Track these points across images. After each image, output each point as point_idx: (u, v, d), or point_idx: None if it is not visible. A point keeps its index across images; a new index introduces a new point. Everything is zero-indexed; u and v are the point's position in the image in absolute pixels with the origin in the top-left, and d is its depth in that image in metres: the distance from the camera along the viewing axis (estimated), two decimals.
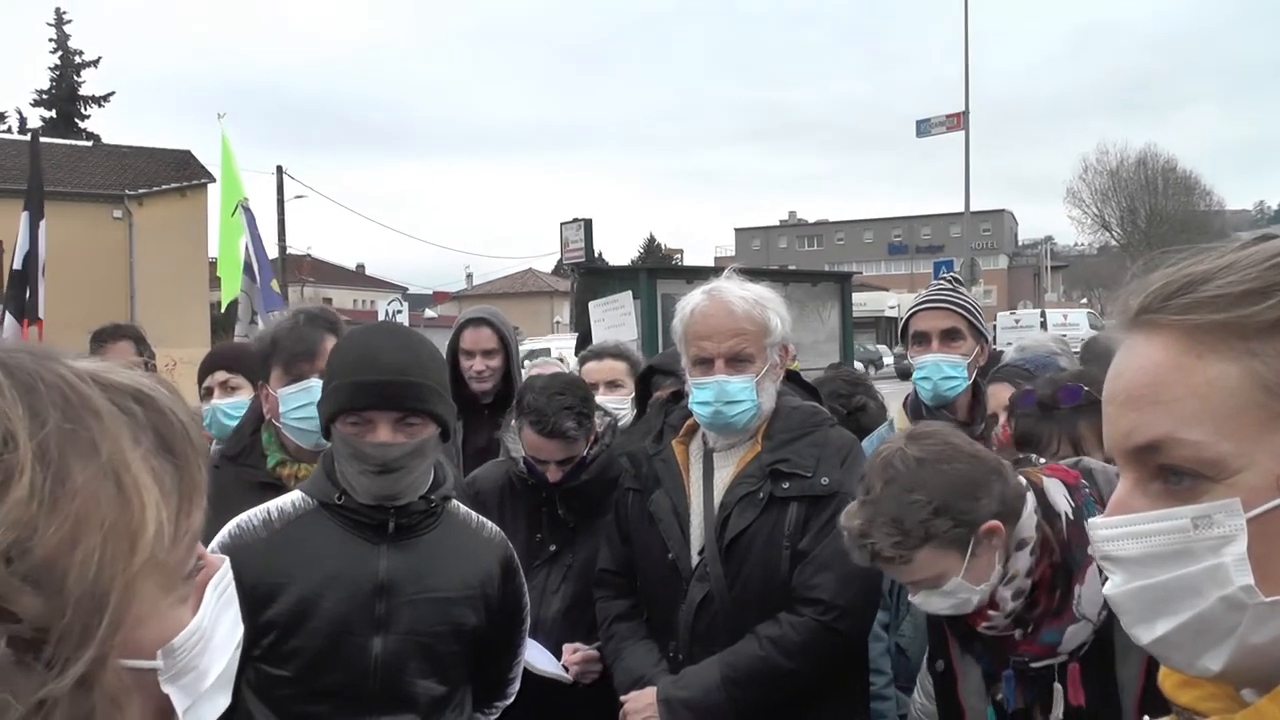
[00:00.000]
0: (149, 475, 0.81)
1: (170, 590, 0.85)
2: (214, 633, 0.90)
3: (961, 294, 3.67)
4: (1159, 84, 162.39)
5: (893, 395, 4.58)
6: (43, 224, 7.72)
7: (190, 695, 0.87)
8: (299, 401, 3.01)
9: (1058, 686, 2.21)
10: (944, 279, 3.86)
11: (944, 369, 3.49)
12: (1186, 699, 1.03)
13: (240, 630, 0.96)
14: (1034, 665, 2.23)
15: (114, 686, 0.77)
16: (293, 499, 2.58)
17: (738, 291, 2.95)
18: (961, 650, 2.43)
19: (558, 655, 3.23)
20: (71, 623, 0.73)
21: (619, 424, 3.67)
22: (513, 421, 3.43)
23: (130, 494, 0.78)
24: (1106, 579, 1.02)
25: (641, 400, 3.69)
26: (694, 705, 2.78)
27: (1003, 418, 3.45)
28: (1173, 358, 0.95)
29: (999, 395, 3.49)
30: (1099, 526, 1.01)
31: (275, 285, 8.07)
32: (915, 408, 3.62)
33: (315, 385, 2.98)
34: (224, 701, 0.94)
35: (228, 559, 0.96)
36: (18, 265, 7.50)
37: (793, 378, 3.18)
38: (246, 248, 7.66)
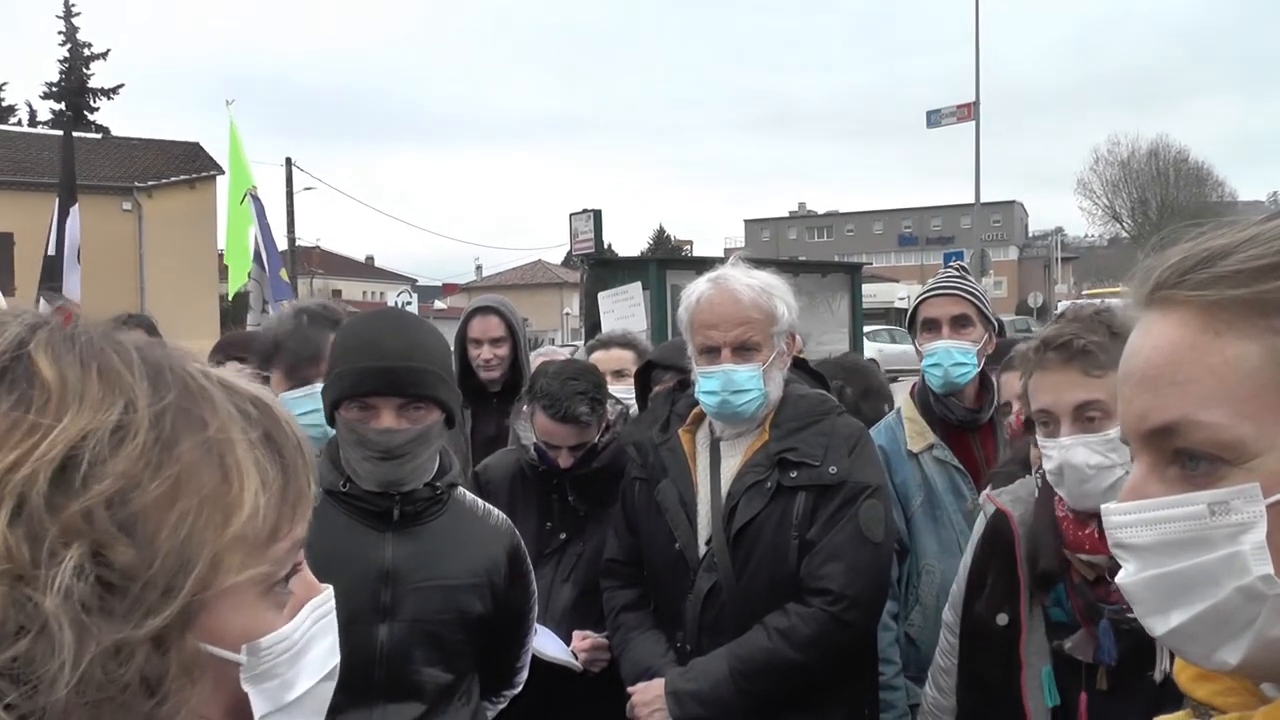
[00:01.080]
0: (252, 464, 0.86)
1: (264, 588, 0.88)
2: (307, 650, 0.92)
3: (970, 281, 3.65)
4: (1172, 76, 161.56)
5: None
6: (75, 209, 7.80)
7: (271, 703, 0.88)
8: (304, 407, 2.94)
9: None
10: (952, 266, 3.84)
11: (955, 355, 3.46)
12: (1203, 693, 1.01)
13: (336, 660, 0.98)
14: (1130, 614, 2.15)
15: (190, 658, 0.80)
16: None
17: (743, 279, 2.92)
18: (1031, 602, 2.36)
19: (568, 643, 3.22)
20: (157, 575, 0.77)
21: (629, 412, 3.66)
22: (524, 408, 3.43)
23: (231, 472, 0.84)
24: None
25: (641, 394, 3.67)
26: (702, 697, 2.76)
27: (1016, 406, 3.42)
28: (1190, 336, 0.92)
29: (1012, 384, 3.45)
30: (1112, 512, 0.97)
31: (284, 274, 8.04)
32: (924, 395, 3.60)
33: (320, 391, 2.90)
34: None
35: (332, 588, 0.99)
36: (51, 251, 7.59)
37: (801, 365, 3.16)
38: (256, 237, 7.64)
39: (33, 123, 44.40)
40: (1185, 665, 1.02)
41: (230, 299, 9.10)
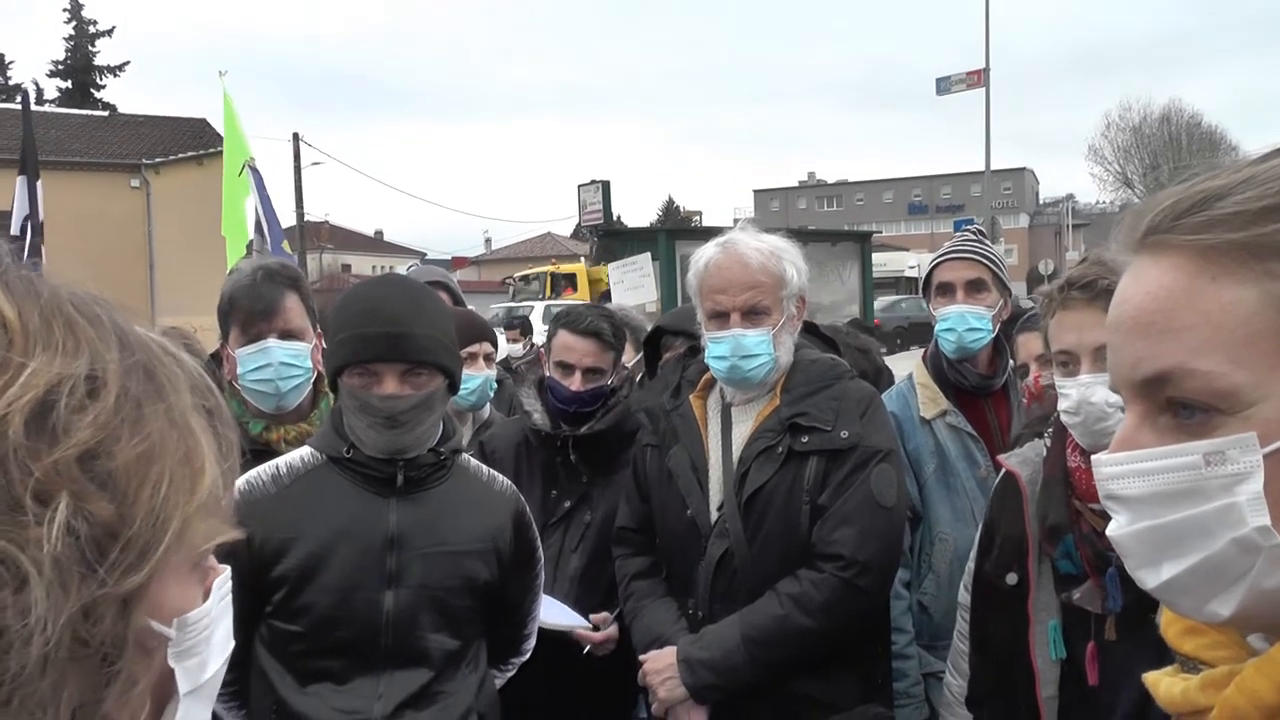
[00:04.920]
0: (203, 432, 0.83)
1: (194, 562, 0.85)
2: (215, 630, 0.89)
3: (986, 245, 3.60)
4: (1186, 40, 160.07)
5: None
6: (39, 184, 7.69)
7: (190, 682, 0.85)
8: (256, 363, 2.94)
9: None
10: (968, 230, 3.79)
11: (969, 320, 3.42)
12: (1190, 647, 0.99)
13: (232, 644, 0.94)
14: None
15: (142, 628, 0.77)
16: (301, 454, 2.56)
17: (752, 243, 2.89)
18: (1040, 557, 2.36)
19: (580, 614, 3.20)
20: (137, 535, 0.74)
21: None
22: (527, 377, 3.43)
23: (190, 439, 0.81)
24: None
25: (650, 361, 3.66)
26: (714, 665, 2.74)
27: (1034, 368, 3.39)
28: (1184, 281, 0.88)
29: (1030, 345, 3.42)
30: (1104, 464, 0.94)
31: (287, 247, 7.96)
32: (936, 361, 3.56)
33: (272, 346, 2.94)
34: (204, 716, 0.91)
35: (229, 569, 0.95)
36: (15, 230, 7.46)
37: (811, 330, 3.13)
38: (256, 209, 7.55)
39: (39, 101, 44.37)
40: (1172, 620, 1.01)
41: (228, 270, 8.90)
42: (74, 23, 46.76)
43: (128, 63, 48.27)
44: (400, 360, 2.40)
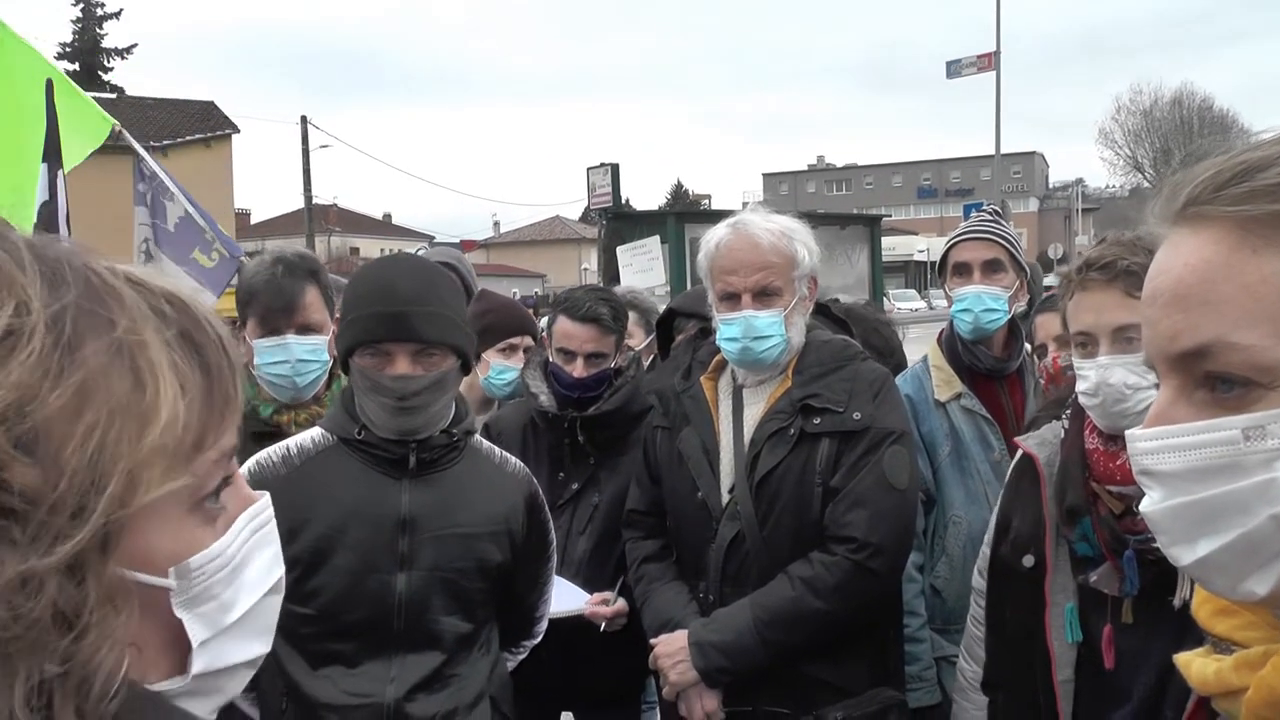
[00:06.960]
0: (169, 366, 0.78)
1: (191, 504, 0.82)
2: (244, 567, 0.87)
3: (1003, 226, 3.56)
4: (1199, 21, 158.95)
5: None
6: (61, 173, 7.54)
7: (209, 627, 0.83)
8: (274, 357, 2.97)
9: None
10: (985, 210, 3.74)
11: (985, 301, 3.38)
12: (1223, 628, 0.97)
13: (279, 573, 0.92)
14: (1156, 544, 2.11)
15: (112, 585, 0.74)
16: (312, 435, 2.55)
17: (763, 224, 2.86)
18: (1057, 539, 2.34)
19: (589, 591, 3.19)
20: (65, 496, 0.70)
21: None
22: (533, 358, 3.43)
23: (145, 377, 0.76)
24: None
25: (663, 344, 3.64)
26: (725, 648, 2.73)
27: (1052, 348, 3.36)
28: (1224, 253, 0.86)
29: (1048, 326, 3.39)
30: (1138, 438, 0.92)
31: (202, 223, 6.43)
32: (951, 343, 3.52)
33: (291, 342, 2.96)
34: (259, 649, 0.90)
35: (268, 495, 0.92)
36: (34, 219, 7.34)
37: (824, 311, 3.10)
38: (141, 166, 6.34)
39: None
40: (1204, 601, 1.00)
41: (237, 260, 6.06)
42: (81, 5, 46.73)
43: (135, 45, 48.31)
44: (412, 340, 2.38)
